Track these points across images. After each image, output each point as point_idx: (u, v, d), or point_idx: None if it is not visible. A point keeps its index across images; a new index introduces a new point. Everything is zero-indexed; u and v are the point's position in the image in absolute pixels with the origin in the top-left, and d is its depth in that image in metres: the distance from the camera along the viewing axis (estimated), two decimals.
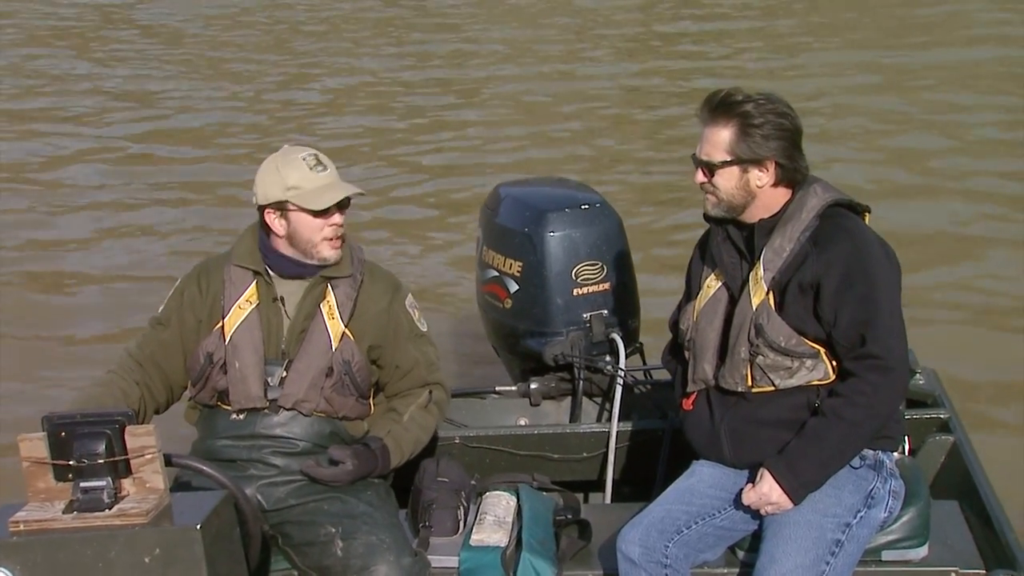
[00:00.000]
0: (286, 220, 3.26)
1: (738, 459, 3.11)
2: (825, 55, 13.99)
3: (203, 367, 3.31)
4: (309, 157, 3.26)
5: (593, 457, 3.98)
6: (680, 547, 3.05)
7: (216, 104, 13.24)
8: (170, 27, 17.92)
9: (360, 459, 3.26)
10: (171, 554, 2.46)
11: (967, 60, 13.11)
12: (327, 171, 3.27)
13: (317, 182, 3.24)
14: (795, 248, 3.01)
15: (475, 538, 3.29)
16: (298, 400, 3.28)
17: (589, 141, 11.12)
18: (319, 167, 3.25)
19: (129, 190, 10.21)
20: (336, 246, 3.29)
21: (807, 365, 3.01)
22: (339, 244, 3.30)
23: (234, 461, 3.28)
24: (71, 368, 6.52)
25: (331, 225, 3.27)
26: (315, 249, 3.28)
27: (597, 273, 4.17)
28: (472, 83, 13.84)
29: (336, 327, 3.31)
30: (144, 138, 11.85)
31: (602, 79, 13.61)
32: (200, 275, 3.42)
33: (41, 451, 2.57)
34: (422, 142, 11.50)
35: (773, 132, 3.00)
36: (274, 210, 3.26)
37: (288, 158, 3.27)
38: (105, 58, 15.82)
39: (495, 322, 4.35)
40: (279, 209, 3.25)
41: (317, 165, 3.25)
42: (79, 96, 13.68)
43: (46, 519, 2.53)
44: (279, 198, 3.24)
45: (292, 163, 3.25)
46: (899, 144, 10.26)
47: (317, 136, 11.46)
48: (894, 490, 3.09)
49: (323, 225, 3.26)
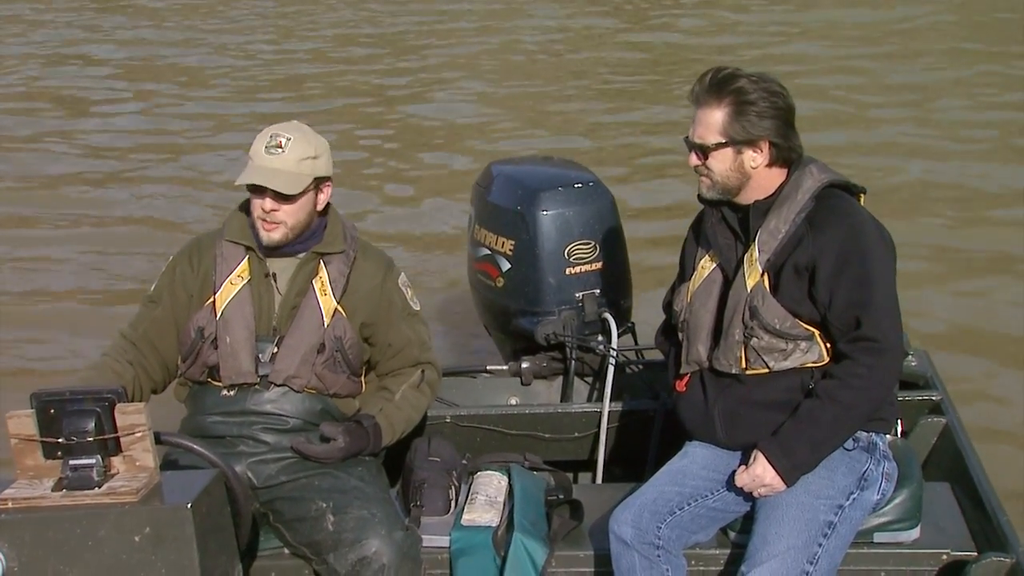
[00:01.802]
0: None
1: (731, 441, 3.11)
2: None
3: (194, 342, 3.29)
4: (274, 137, 3.20)
5: (584, 437, 3.97)
6: (672, 528, 3.05)
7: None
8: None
9: (352, 436, 3.25)
10: (161, 533, 2.45)
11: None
12: (277, 156, 3.17)
13: (258, 160, 3.19)
14: (791, 229, 3.00)
15: (466, 518, 3.28)
16: (289, 376, 3.27)
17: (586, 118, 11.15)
18: (275, 149, 3.18)
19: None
20: (268, 229, 3.23)
21: (801, 347, 3.00)
22: (272, 228, 3.23)
23: (223, 437, 3.26)
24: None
25: (260, 206, 3.22)
26: (255, 227, 3.27)
27: (590, 252, 4.16)
28: (463, 57, 13.85)
29: (328, 303, 3.29)
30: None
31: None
32: (192, 251, 3.40)
33: (30, 428, 2.55)
34: (412, 117, 11.48)
35: (767, 111, 2.98)
36: None
37: (266, 130, 3.24)
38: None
39: (487, 301, 4.34)
40: None
41: (274, 147, 3.18)
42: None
43: (35, 497, 2.51)
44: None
45: (261, 135, 3.23)
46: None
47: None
48: (887, 472, 3.09)
49: (257, 205, 3.22)
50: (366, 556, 3.05)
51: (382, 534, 3.09)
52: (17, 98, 13.03)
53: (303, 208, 3.23)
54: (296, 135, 3.22)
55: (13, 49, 15.81)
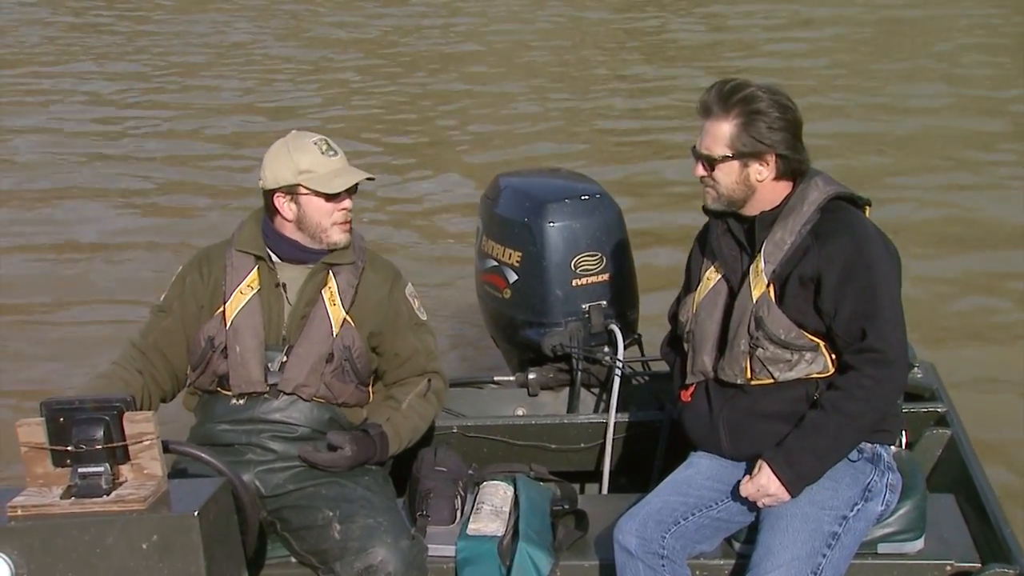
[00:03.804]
0: (296, 204, 3.28)
1: (736, 451, 3.12)
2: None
3: (204, 351, 3.31)
4: (320, 142, 3.30)
5: (590, 448, 3.98)
6: (677, 538, 3.05)
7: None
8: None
9: (359, 445, 3.27)
10: (168, 540, 2.46)
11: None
12: (338, 156, 3.31)
13: (329, 166, 3.28)
14: (796, 241, 3.01)
15: (472, 527, 3.29)
16: (298, 385, 3.28)
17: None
18: (330, 152, 3.29)
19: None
20: (346, 229, 3.34)
21: (806, 358, 3.01)
22: (348, 228, 3.35)
23: (232, 446, 3.28)
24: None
25: (341, 209, 3.31)
26: (325, 233, 3.31)
27: (596, 264, 4.17)
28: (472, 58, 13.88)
29: (337, 313, 3.31)
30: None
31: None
32: (202, 261, 3.42)
33: (39, 436, 2.57)
34: (417, 127, 11.50)
35: (775, 124, 2.99)
36: (284, 194, 3.28)
37: (299, 142, 3.29)
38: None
39: (494, 312, 4.35)
40: (289, 193, 3.28)
41: (328, 150, 3.29)
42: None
43: (44, 504, 2.52)
44: (290, 182, 3.26)
45: (304, 147, 3.28)
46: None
47: (307, 120, 11.48)
48: (891, 483, 3.09)
49: (334, 209, 3.30)
50: (372, 565, 3.05)
51: (388, 543, 3.09)
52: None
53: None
54: (324, 136, 3.35)
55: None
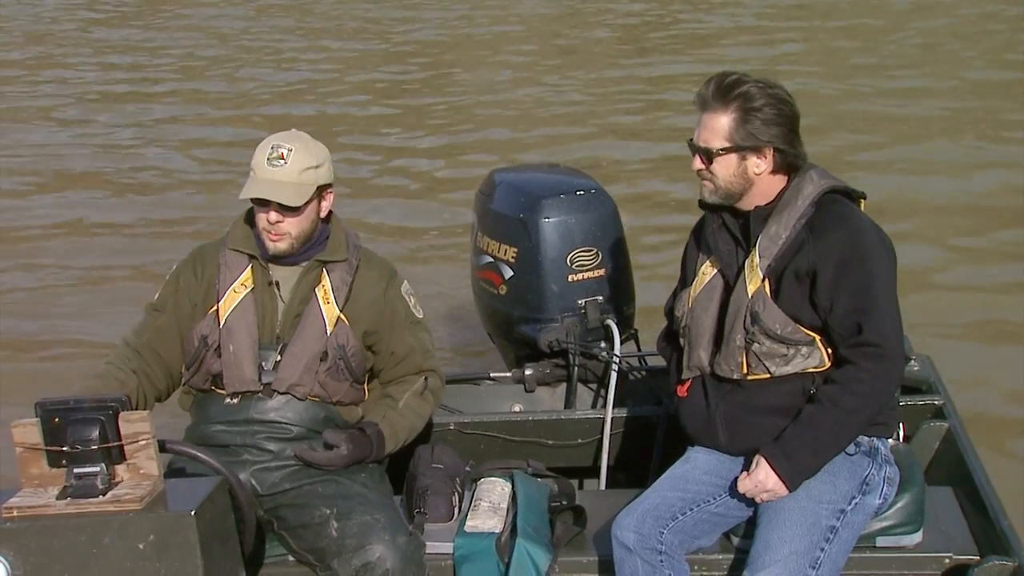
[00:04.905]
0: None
1: (733, 446, 3.11)
2: None
3: (197, 350, 3.31)
4: (275, 148, 3.21)
5: (588, 443, 3.98)
6: (675, 534, 3.05)
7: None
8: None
9: (355, 443, 3.26)
10: (165, 540, 2.46)
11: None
12: (280, 168, 3.19)
13: (262, 172, 3.21)
14: (791, 235, 3.00)
15: (470, 524, 3.29)
16: (292, 384, 3.28)
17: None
18: (277, 161, 3.19)
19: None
20: (274, 240, 3.25)
21: (802, 352, 3.00)
22: (278, 239, 3.25)
23: (227, 446, 3.27)
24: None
25: (265, 219, 3.24)
26: (261, 238, 3.28)
27: (592, 259, 4.17)
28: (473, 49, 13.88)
29: (331, 311, 3.30)
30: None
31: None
32: (195, 260, 3.41)
33: (35, 437, 2.56)
34: (413, 125, 11.49)
35: (773, 118, 2.98)
36: None
37: (266, 141, 3.26)
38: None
39: (490, 308, 4.34)
40: None
41: (277, 159, 3.19)
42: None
43: (39, 505, 2.52)
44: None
45: (263, 147, 3.25)
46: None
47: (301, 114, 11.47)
48: (889, 476, 3.09)
49: (261, 217, 3.25)
50: (370, 562, 3.05)
51: (386, 539, 3.09)
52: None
53: (307, 218, 3.26)
54: (297, 145, 3.23)
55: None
